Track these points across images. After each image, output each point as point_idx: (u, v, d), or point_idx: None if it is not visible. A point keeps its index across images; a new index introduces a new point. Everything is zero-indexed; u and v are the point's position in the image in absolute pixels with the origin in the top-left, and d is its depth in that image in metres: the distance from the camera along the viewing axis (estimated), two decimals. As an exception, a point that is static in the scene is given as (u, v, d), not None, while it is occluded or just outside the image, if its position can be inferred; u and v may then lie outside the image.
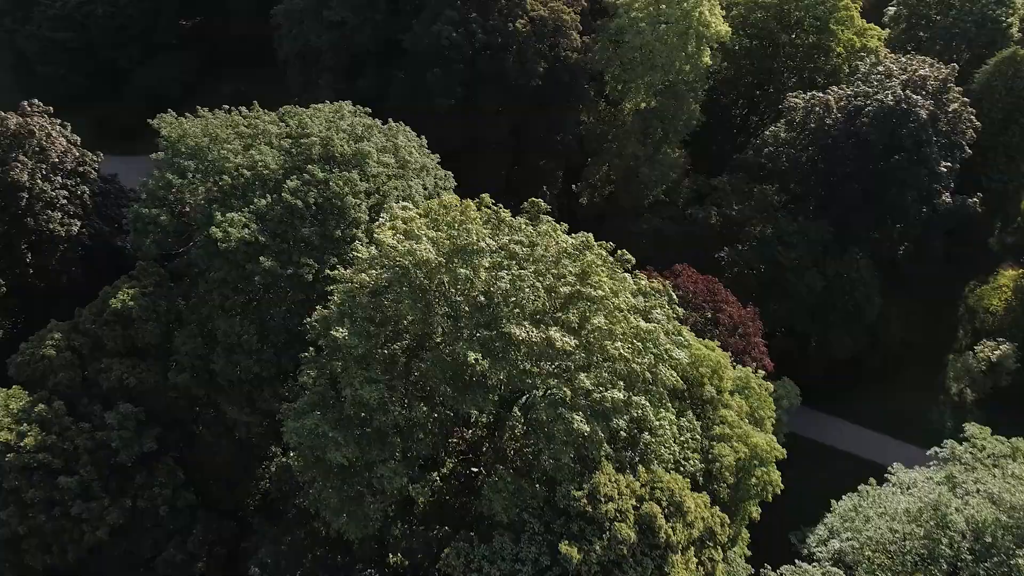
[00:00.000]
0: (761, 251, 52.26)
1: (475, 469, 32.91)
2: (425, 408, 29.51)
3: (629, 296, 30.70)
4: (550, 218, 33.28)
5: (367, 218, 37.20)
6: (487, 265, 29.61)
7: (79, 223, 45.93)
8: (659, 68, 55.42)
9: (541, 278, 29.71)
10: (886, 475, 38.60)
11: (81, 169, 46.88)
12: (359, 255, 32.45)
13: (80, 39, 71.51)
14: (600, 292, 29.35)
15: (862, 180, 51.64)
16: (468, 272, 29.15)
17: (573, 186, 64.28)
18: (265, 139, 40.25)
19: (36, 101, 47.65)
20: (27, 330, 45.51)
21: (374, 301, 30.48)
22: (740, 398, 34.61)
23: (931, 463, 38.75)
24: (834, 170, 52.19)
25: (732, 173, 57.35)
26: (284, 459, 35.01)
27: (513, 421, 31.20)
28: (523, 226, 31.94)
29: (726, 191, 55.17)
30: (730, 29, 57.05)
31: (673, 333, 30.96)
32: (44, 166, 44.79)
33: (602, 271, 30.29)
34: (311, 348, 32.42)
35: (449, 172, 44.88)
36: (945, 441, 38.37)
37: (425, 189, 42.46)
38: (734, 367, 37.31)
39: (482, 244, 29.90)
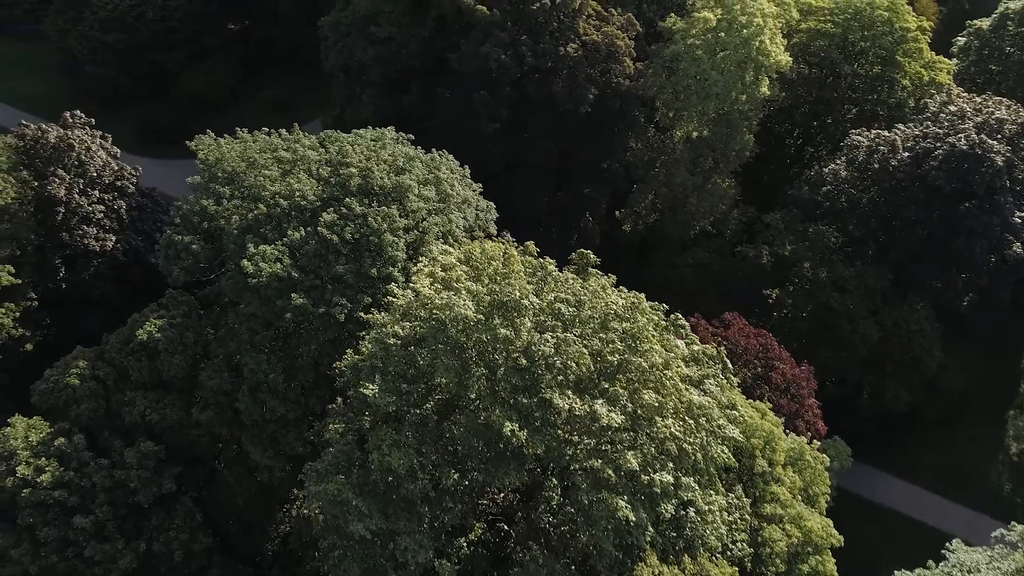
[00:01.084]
0: (814, 295, 48.90)
1: (505, 533, 30.53)
2: (456, 475, 27.17)
3: (681, 364, 27.98)
4: (599, 272, 30.72)
5: (404, 256, 34.92)
6: (530, 325, 27.15)
7: (114, 238, 44.60)
8: (714, 97, 52.33)
9: (587, 341, 27.15)
10: (944, 551, 35.33)
11: (119, 183, 45.49)
12: (394, 300, 30.29)
13: (129, 41, 70.68)
14: (651, 362, 26.69)
15: (927, 226, 47.99)
16: (509, 332, 26.71)
17: (616, 212, 61.35)
18: (304, 165, 38.21)
19: (79, 112, 46.39)
20: (56, 344, 44.40)
21: (407, 355, 28.20)
22: (793, 472, 31.66)
23: (997, 544, 35.38)
24: (897, 214, 48.58)
25: (786, 209, 53.93)
26: (305, 510, 33.01)
27: (550, 492, 28.70)
28: (570, 280, 29.38)
29: (779, 229, 51.82)
30: (791, 59, 53.66)
31: (727, 407, 28.17)
32: (82, 180, 43.46)
33: (653, 337, 27.62)
34: (339, 398, 30.32)
35: (491, 203, 42.42)
36: (1013, 525, 34.91)
37: (466, 221, 40.10)
38: (786, 433, 34.32)
39: (525, 301, 27.43)
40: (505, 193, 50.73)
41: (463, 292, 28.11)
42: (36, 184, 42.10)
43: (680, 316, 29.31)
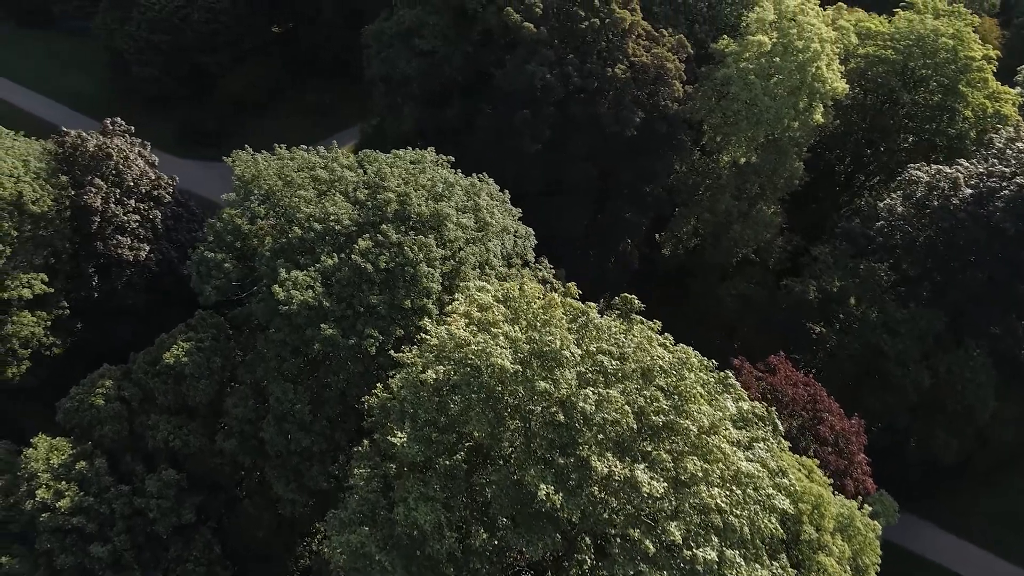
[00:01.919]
0: (862, 335, 46.17)
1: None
2: (485, 535, 25.42)
3: (730, 426, 25.89)
4: (643, 319, 28.70)
5: (439, 288, 33.24)
6: (570, 378, 25.29)
7: (148, 247, 43.66)
8: (765, 123, 49.81)
9: (630, 398, 25.22)
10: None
11: (156, 192, 44.53)
12: (428, 338, 28.63)
13: (174, 42, 70.15)
14: (698, 425, 24.67)
15: (988, 268, 44.97)
16: (548, 386, 24.88)
17: (656, 235, 59.10)
18: (341, 187, 36.76)
19: (119, 120, 45.50)
20: (88, 351, 43.67)
21: (439, 401, 26.55)
22: (842, 541, 29.34)
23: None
24: (956, 255, 45.63)
25: (835, 241, 51.16)
26: (326, 550, 31.51)
27: (583, 555, 26.79)
28: (613, 329, 27.42)
29: (827, 263, 49.14)
30: (847, 87, 50.90)
31: (777, 473, 26.02)
32: (118, 190, 42.54)
33: (701, 396, 25.57)
34: (365, 440, 28.78)
35: (530, 230, 40.55)
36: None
37: (504, 249, 38.35)
38: (834, 493, 31.95)
39: (566, 353, 25.57)
40: (544, 212, 48.92)
41: (500, 337, 26.35)
42: (73, 193, 41.28)
43: (730, 375, 27.15)
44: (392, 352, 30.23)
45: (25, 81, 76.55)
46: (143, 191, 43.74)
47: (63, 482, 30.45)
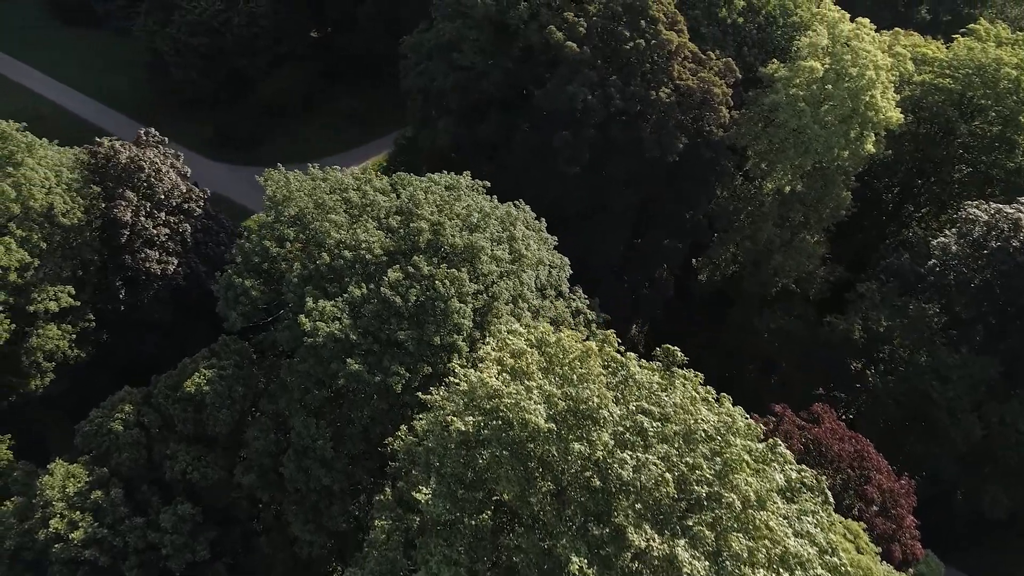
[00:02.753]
0: (909, 379, 43.52)
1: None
2: (510, 604, 23.65)
3: (777, 498, 23.77)
4: (685, 372, 26.63)
5: (471, 325, 31.46)
6: (607, 439, 23.38)
7: (176, 261, 42.55)
8: (813, 152, 47.27)
9: (671, 464, 23.23)
10: None
11: (186, 206, 43.39)
12: (457, 382, 26.88)
13: (213, 45, 69.38)
14: (743, 497, 22.60)
15: (1048, 316, 42.11)
16: (584, 448, 23.00)
17: (693, 260, 56.77)
18: (373, 211, 35.17)
19: (153, 131, 44.45)
20: (111, 366, 42.78)
21: (467, 455, 24.79)
22: (891, 618, 27.12)
23: None
24: (1014, 299, 42.76)
25: (883, 277, 48.41)
26: (344, 597, 30.02)
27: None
28: (655, 386, 25.40)
29: (874, 301, 46.45)
30: (902, 117, 48.11)
31: (826, 551, 23.84)
32: (149, 203, 41.46)
33: (747, 465, 23.49)
34: (387, 487, 27.14)
35: (565, 260, 38.54)
36: None
37: (538, 281, 36.47)
38: (880, 560, 29.65)
39: (604, 412, 23.65)
40: (581, 235, 47.00)
41: (535, 390, 24.49)
42: (104, 205, 40.29)
43: (779, 443, 24.98)
44: (420, 393, 28.53)
45: (68, 80, 76.48)
46: (174, 204, 42.63)
47: (77, 512, 29.27)
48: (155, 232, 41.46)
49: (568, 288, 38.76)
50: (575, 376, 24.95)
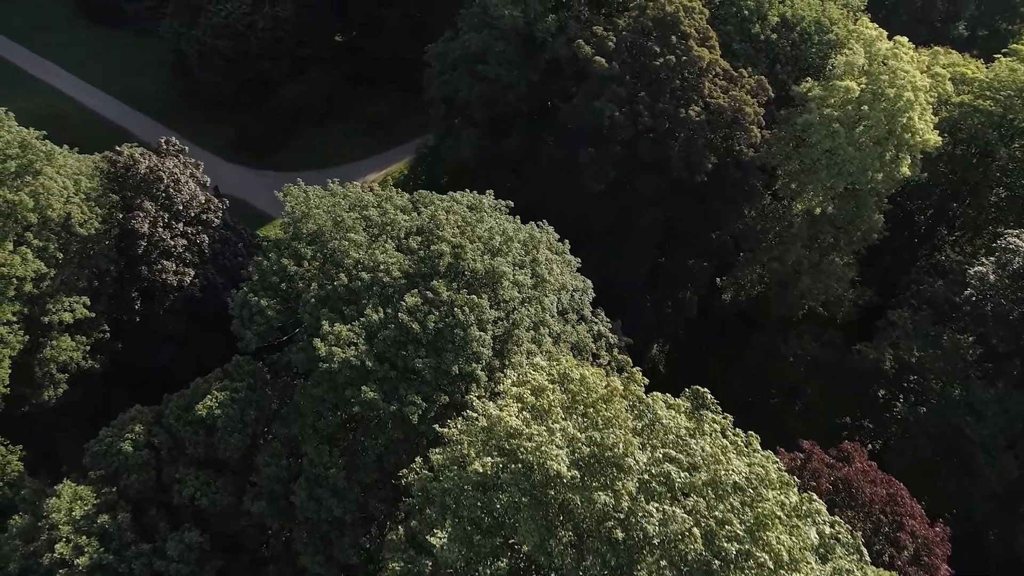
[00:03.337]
0: (942, 412, 41.68)
1: None
2: (526, 658, 22.44)
3: (810, 558, 22.31)
4: (714, 415, 25.24)
5: (490, 353, 30.22)
6: (632, 488, 22.07)
7: (193, 272, 41.71)
8: (846, 175, 45.52)
9: (699, 518, 21.88)
10: None
11: (204, 216, 42.50)
12: (475, 416, 25.70)
13: (237, 48, 68.70)
14: (776, 557, 21.20)
15: (1089, 352, 40.08)
16: (608, 499, 21.71)
17: (718, 280, 55.17)
18: (392, 231, 34.04)
19: (173, 139, 43.60)
20: (125, 376, 42.05)
21: (485, 498, 23.59)
22: None
23: None
24: (1055, 334, 40.80)
25: (915, 303, 46.50)
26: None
27: None
28: (683, 430, 24.02)
29: (906, 330, 44.59)
30: (940, 139, 46.21)
31: (862, 614, 22.40)
32: (167, 213, 40.63)
33: (780, 521, 22.07)
34: (400, 527, 26.00)
35: (588, 283, 37.17)
36: None
37: (560, 305, 35.18)
38: (914, 613, 28.05)
39: (630, 460, 22.34)
40: (606, 253, 45.66)
41: (557, 433, 23.23)
42: (122, 216, 39.50)
43: (815, 498, 23.50)
44: (436, 426, 27.38)
45: (91, 79, 76.14)
46: (192, 214, 41.77)
47: (84, 536, 28.42)
48: (172, 243, 40.64)
49: (591, 311, 37.45)
50: (600, 419, 23.65)
